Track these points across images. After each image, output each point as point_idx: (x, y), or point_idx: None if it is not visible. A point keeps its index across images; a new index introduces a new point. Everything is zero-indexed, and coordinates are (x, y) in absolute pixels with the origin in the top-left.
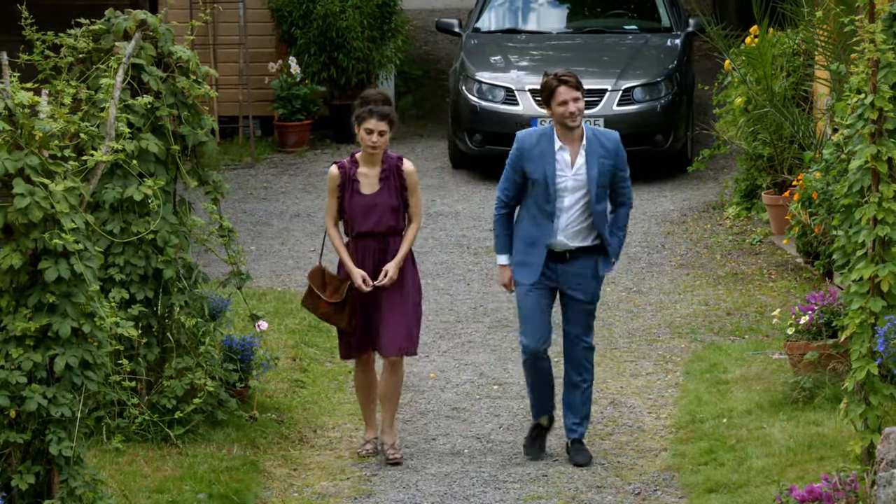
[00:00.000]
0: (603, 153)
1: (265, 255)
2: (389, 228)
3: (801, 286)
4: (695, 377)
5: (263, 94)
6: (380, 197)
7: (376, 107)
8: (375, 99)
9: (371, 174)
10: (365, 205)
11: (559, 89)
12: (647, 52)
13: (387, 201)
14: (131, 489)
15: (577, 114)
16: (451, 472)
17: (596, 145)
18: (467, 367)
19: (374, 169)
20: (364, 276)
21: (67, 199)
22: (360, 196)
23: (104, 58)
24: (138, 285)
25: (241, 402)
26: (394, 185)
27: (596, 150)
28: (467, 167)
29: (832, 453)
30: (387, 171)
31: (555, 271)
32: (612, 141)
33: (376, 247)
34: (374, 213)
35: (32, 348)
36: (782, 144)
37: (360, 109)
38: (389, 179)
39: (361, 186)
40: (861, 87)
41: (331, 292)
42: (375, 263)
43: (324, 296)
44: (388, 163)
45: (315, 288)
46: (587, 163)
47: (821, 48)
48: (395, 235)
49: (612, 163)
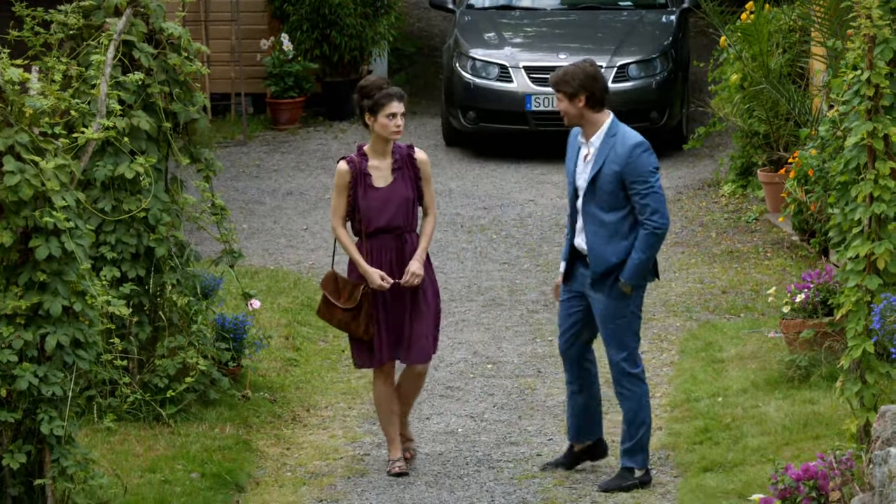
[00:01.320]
0: (613, 156)
1: (257, 234)
2: (406, 222)
3: (797, 264)
4: (690, 356)
5: (255, 71)
6: (395, 189)
7: (390, 89)
8: (381, 84)
9: (383, 166)
10: (380, 199)
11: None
12: (642, 29)
13: (402, 193)
14: (123, 468)
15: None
16: (445, 452)
17: (609, 146)
18: (461, 346)
19: (386, 160)
20: (383, 275)
21: (58, 177)
22: (374, 190)
23: (95, 34)
24: (130, 263)
25: (234, 382)
26: (408, 176)
27: (607, 150)
28: (461, 145)
29: (828, 432)
30: (399, 162)
31: (580, 273)
32: (627, 146)
33: (393, 244)
34: (389, 206)
35: (23, 327)
36: (778, 121)
37: (376, 96)
38: (403, 170)
39: (374, 180)
40: (857, 63)
41: (345, 298)
42: (392, 262)
43: (338, 303)
44: (398, 153)
45: (329, 295)
46: (594, 161)
47: (817, 24)
48: (412, 231)
49: (618, 169)
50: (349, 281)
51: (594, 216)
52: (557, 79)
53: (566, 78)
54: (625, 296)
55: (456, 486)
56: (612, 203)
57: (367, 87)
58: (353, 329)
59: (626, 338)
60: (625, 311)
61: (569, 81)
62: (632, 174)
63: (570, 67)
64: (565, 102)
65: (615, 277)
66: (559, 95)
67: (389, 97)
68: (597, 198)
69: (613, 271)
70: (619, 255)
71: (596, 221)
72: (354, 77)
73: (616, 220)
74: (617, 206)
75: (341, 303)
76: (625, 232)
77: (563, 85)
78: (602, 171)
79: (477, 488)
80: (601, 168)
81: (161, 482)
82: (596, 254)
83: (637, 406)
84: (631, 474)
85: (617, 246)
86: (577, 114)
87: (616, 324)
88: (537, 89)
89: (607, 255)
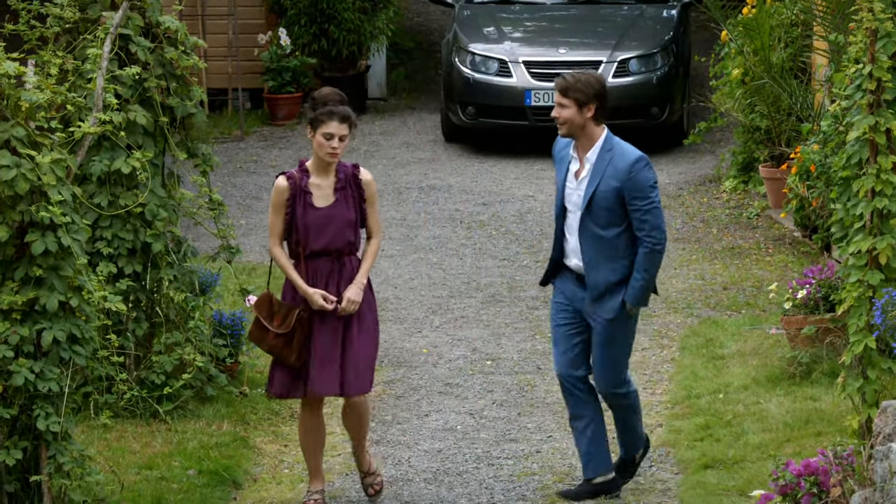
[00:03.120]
0: (612, 172)
1: (255, 230)
2: (346, 245)
3: (799, 260)
4: (691, 352)
5: (253, 66)
6: (336, 209)
7: (336, 107)
8: (333, 99)
9: (324, 185)
10: (319, 219)
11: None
12: (643, 23)
13: (344, 214)
14: (120, 465)
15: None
16: (444, 449)
17: (607, 161)
18: (460, 343)
19: (328, 179)
20: (325, 295)
21: (54, 171)
22: (314, 209)
23: (91, 28)
24: (126, 259)
25: (231, 378)
26: (351, 197)
27: (604, 165)
28: (460, 140)
29: (830, 429)
30: (343, 181)
31: (576, 294)
32: (627, 161)
33: (330, 268)
34: (329, 228)
35: (19, 322)
36: (780, 116)
37: (316, 111)
38: (346, 190)
39: (314, 199)
40: (859, 56)
41: (279, 322)
42: (328, 287)
43: (271, 326)
44: (343, 172)
45: (262, 318)
46: (590, 177)
47: (819, 18)
48: (351, 255)
49: (618, 185)
50: (284, 304)
51: (591, 233)
52: (569, 84)
53: (580, 85)
54: (628, 318)
55: (455, 484)
56: (609, 220)
57: (315, 98)
58: (284, 355)
59: (622, 359)
60: (626, 332)
61: (582, 89)
62: (632, 190)
63: (583, 76)
64: (572, 110)
65: (619, 299)
66: (566, 101)
67: (330, 115)
68: (594, 215)
69: (612, 290)
70: (618, 273)
71: (593, 239)
72: (353, 72)
73: (613, 237)
74: (614, 222)
75: (274, 327)
76: (622, 249)
77: (575, 92)
78: (599, 187)
79: (476, 485)
80: (598, 184)
81: (158, 479)
82: (595, 272)
83: (634, 409)
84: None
85: (615, 264)
86: (581, 124)
87: (615, 346)
88: (537, 84)
89: (606, 273)
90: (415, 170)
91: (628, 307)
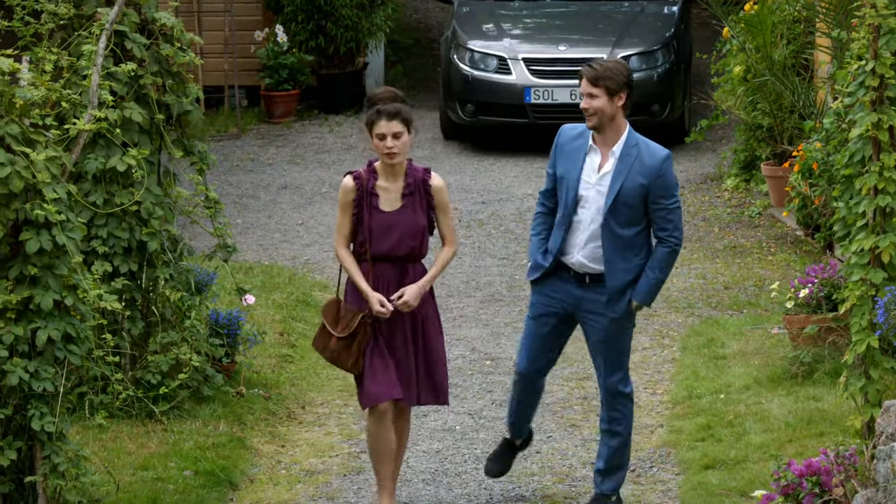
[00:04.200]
0: (639, 168)
1: (252, 229)
2: (411, 252)
3: (801, 259)
4: (692, 352)
5: (249, 64)
6: (402, 216)
7: (384, 105)
8: (383, 97)
9: (392, 189)
10: (384, 224)
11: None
12: (644, 20)
13: (411, 221)
14: (115, 466)
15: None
16: (443, 449)
17: (633, 157)
18: (459, 343)
19: (397, 183)
20: (382, 300)
21: (49, 169)
22: (379, 213)
23: (86, 24)
24: (122, 258)
25: (228, 378)
26: (419, 203)
27: (631, 161)
28: (459, 138)
29: (832, 429)
30: (412, 187)
31: (572, 294)
32: (657, 158)
33: (393, 274)
34: (393, 234)
35: (14, 321)
36: (782, 114)
37: (369, 112)
38: (415, 196)
39: (381, 202)
40: (862, 53)
41: (343, 327)
42: (391, 294)
43: (335, 332)
44: (412, 176)
45: (327, 324)
46: (614, 172)
47: (822, 15)
48: (416, 262)
49: (645, 183)
50: (350, 309)
51: (611, 231)
52: (599, 73)
53: (610, 73)
54: (631, 316)
55: (454, 484)
56: (630, 218)
57: (370, 98)
58: (342, 360)
59: (624, 357)
60: (628, 330)
61: (614, 77)
62: (660, 188)
63: (611, 62)
64: (603, 99)
65: (628, 298)
66: (597, 90)
67: (378, 115)
68: (616, 212)
69: (625, 290)
70: (632, 273)
71: (613, 237)
72: (350, 69)
73: (632, 236)
74: (635, 221)
75: (338, 331)
76: (637, 248)
77: (606, 80)
78: (626, 184)
79: (475, 486)
80: (625, 181)
81: (154, 480)
82: (613, 273)
83: (630, 427)
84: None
85: (630, 263)
86: (612, 114)
87: (619, 344)
88: (537, 81)
89: (623, 273)
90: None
91: (635, 305)
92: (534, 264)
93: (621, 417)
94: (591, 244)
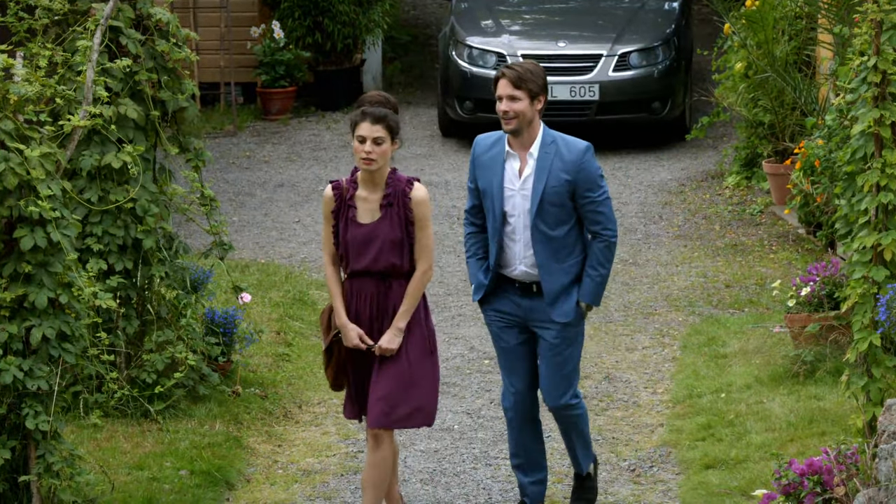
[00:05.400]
0: (560, 165)
1: (248, 226)
2: (391, 267)
3: (803, 258)
4: (692, 351)
5: (245, 60)
6: (379, 228)
7: (370, 107)
8: (372, 100)
9: (371, 199)
10: (360, 237)
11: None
12: (644, 16)
13: (387, 234)
14: (110, 465)
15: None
16: (441, 449)
17: (552, 154)
18: (457, 341)
19: (376, 192)
20: (360, 334)
21: (43, 166)
22: (356, 226)
23: (81, 20)
24: (117, 256)
25: (224, 377)
26: (397, 215)
27: (550, 159)
28: (457, 135)
29: (834, 428)
30: (391, 197)
31: (520, 305)
32: (576, 152)
33: (374, 290)
34: (370, 248)
35: (8, 319)
36: (784, 111)
37: (352, 113)
38: (393, 208)
39: (358, 214)
40: (864, 49)
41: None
42: (373, 311)
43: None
44: (393, 186)
45: (322, 330)
46: (535, 173)
47: (824, 10)
48: (399, 277)
49: (569, 178)
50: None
51: (541, 235)
52: (520, 75)
53: (531, 76)
54: (579, 320)
55: (452, 484)
56: (559, 217)
57: (360, 99)
58: (326, 375)
59: (576, 366)
60: (579, 336)
61: (535, 80)
62: (585, 181)
63: (529, 65)
64: (524, 103)
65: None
66: (520, 93)
67: (363, 116)
68: (543, 214)
69: (566, 292)
70: (570, 273)
71: (544, 240)
72: (348, 66)
73: (563, 235)
74: (563, 219)
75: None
76: (571, 247)
77: (529, 83)
78: (549, 182)
79: (474, 486)
80: (547, 180)
81: (149, 479)
82: (549, 277)
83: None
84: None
85: (566, 264)
86: (531, 118)
87: (570, 352)
88: None
89: (560, 275)
90: (411, 165)
91: (584, 306)
92: (478, 284)
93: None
94: (529, 252)
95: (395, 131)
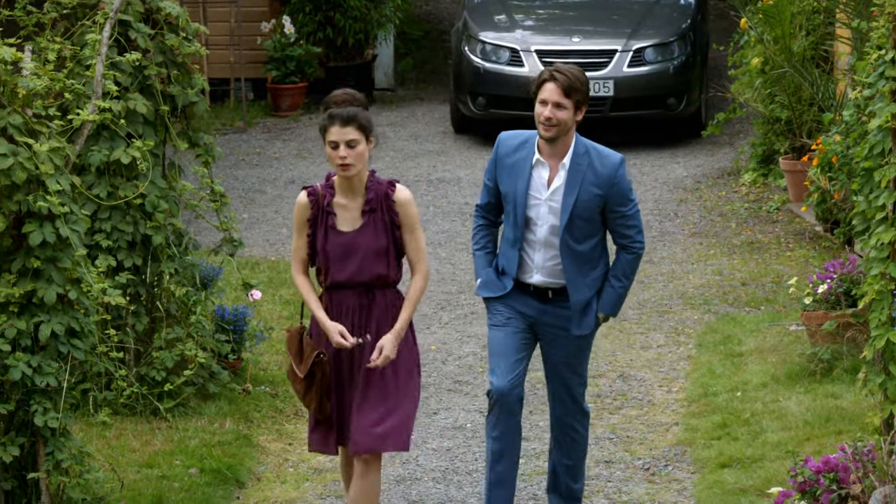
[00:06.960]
0: (592, 178)
1: (258, 223)
2: (375, 278)
3: (820, 255)
4: (708, 349)
5: (256, 56)
6: (362, 236)
7: (337, 109)
8: (338, 100)
9: (351, 206)
10: (341, 246)
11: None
12: (660, 11)
13: (371, 243)
14: (119, 463)
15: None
16: (453, 447)
17: (584, 166)
18: (470, 339)
19: (356, 199)
20: (342, 331)
21: (52, 160)
22: (337, 234)
23: (90, 13)
24: (126, 252)
25: (234, 375)
26: (381, 221)
27: (582, 171)
28: (470, 132)
29: (851, 427)
30: (373, 203)
31: (533, 308)
32: (610, 166)
33: (356, 302)
34: (353, 258)
35: (17, 315)
36: (801, 107)
37: (321, 116)
38: (376, 213)
39: (338, 221)
40: (882, 43)
41: (305, 365)
42: (356, 325)
43: (298, 368)
44: (374, 191)
45: (291, 357)
46: (566, 186)
47: (842, 5)
48: (384, 288)
49: (600, 193)
50: (310, 344)
51: (569, 249)
52: (571, 83)
53: (580, 85)
54: (595, 329)
55: (464, 483)
56: (587, 231)
57: (325, 101)
58: (306, 403)
59: (585, 372)
60: (590, 344)
61: (582, 89)
62: (616, 196)
63: (577, 71)
64: (569, 112)
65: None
66: (566, 102)
67: (331, 120)
68: (573, 227)
69: (590, 305)
70: (594, 287)
71: (572, 255)
72: (359, 62)
73: (589, 250)
74: (591, 233)
75: (301, 369)
76: (595, 261)
77: (577, 92)
78: (580, 196)
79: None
80: (579, 193)
81: (159, 477)
82: (577, 292)
83: (585, 450)
84: None
85: (589, 278)
86: (571, 126)
87: (581, 358)
88: None
89: (585, 290)
90: (423, 162)
91: (601, 317)
92: (486, 281)
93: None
94: (549, 263)
95: (369, 130)
